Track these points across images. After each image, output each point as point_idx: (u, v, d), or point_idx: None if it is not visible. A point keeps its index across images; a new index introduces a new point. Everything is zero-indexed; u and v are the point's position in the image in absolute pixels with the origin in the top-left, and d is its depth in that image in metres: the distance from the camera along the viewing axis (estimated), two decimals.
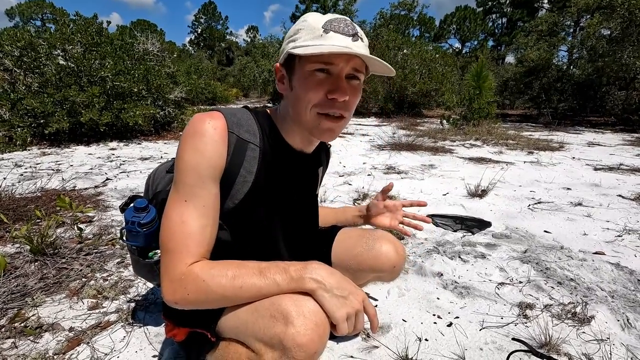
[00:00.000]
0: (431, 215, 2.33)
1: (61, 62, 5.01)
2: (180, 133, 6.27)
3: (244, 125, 0.76)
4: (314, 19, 0.71)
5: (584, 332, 1.23)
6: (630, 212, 2.51)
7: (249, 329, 0.68)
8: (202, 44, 45.15)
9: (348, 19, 0.72)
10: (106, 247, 1.82)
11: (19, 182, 2.99)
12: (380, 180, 3.31)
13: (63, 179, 3.15)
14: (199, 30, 46.36)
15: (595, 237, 2.08)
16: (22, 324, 1.20)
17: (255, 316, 0.67)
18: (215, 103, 14.80)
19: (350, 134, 6.81)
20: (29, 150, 4.62)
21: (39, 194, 2.61)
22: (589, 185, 3.28)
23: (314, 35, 0.69)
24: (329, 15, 0.72)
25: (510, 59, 22.79)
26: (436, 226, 2.22)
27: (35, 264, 1.58)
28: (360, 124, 8.55)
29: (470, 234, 2.12)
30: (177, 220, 0.69)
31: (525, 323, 1.28)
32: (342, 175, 3.53)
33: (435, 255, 1.80)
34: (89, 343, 1.14)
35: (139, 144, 5.32)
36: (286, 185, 0.85)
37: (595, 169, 3.96)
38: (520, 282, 1.56)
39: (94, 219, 2.22)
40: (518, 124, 9.63)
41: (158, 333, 1.20)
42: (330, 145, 1.06)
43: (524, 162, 4.32)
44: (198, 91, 13.08)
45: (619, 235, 2.10)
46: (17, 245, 1.77)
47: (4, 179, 3.05)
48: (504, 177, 3.43)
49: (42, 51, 5.14)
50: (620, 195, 2.92)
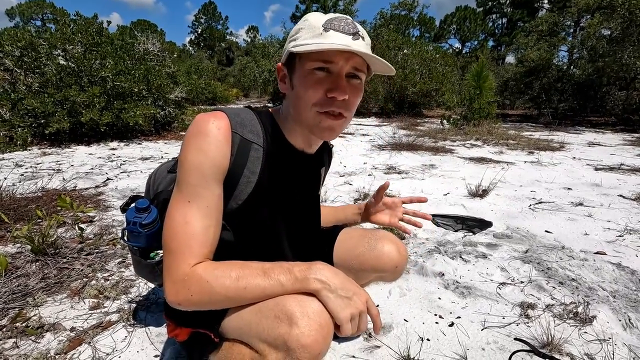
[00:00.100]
0: (432, 215, 2.33)
1: (62, 62, 5.01)
2: (181, 133, 6.28)
3: (248, 125, 0.75)
4: (315, 18, 0.71)
5: (585, 332, 1.23)
6: (631, 212, 2.51)
7: (253, 329, 0.68)
8: (202, 44, 45.13)
9: (349, 18, 0.71)
10: (107, 247, 1.82)
11: (20, 182, 2.99)
12: (380, 181, 3.31)
13: (64, 179, 3.15)
14: (199, 31, 46.36)
15: (596, 237, 2.08)
16: (24, 324, 1.20)
17: (259, 317, 0.67)
18: (216, 103, 14.79)
19: (350, 134, 6.81)
20: (29, 150, 4.62)
21: (40, 194, 2.61)
22: (590, 185, 3.29)
23: (314, 33, 0.69)
24: (331, 15, 0.71)
25: (510, 59, 22.82)
26: (437, 226, 2.21)
27: (37, 263, 1.58)
28: (360, 124, 8.55)
29: (471, 234, 2.12)
30: (181, 221, 0.68)
31: (527, 323, 1.28)
32: (343, 175, 3.53)
33: (436, 255, 1.80)
34: (90, 343, 1.14)
35: (139, 143, 5.32)
36: (289, 185, 0.85)
37: (596, 169, 3.96)
38: (522, 282, 1.56)
39: (95, 219, 2.22)
40: (518, 124, 9.62)
41: (160, 333, 1.20)
42: (333, 146, 1.06)
43: (525, 162, 4.32)
44: (198, 91, 13.08)
45: (620, 235, 2.10)
46: (18, 245, 1.77)
47: (5, 179, 3.05)
48: (504, 177, 3.43)
49: (43, 51, 5.14)
50: (621, 195, 2.92)
